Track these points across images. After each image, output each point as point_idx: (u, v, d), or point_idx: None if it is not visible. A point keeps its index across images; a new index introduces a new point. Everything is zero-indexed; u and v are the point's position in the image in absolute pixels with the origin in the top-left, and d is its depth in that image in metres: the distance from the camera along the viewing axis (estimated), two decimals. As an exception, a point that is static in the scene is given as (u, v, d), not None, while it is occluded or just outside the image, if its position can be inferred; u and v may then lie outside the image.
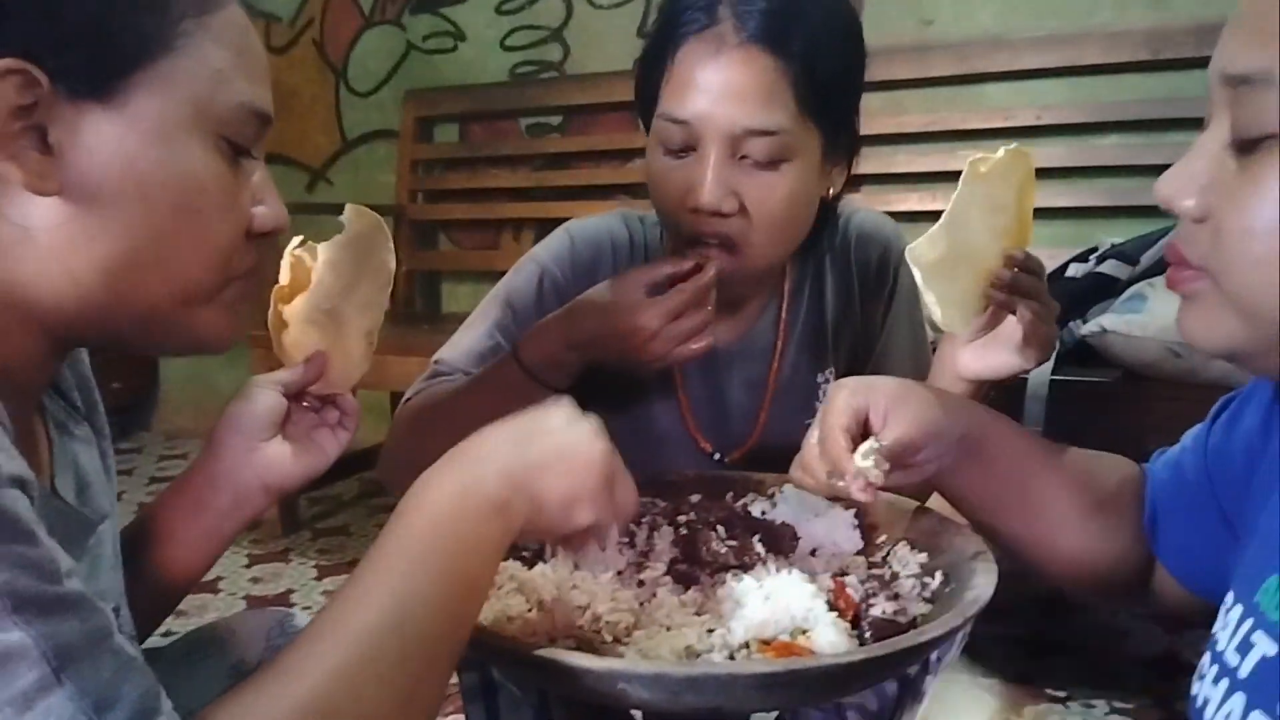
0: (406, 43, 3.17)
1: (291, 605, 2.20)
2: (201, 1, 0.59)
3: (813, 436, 0.78)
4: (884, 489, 0.74)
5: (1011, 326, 0.90)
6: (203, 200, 0.59)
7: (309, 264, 0.78)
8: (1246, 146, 0.54)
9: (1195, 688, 0.62)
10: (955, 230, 0.86)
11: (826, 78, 0.94)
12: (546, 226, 3.01)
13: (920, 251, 0.86)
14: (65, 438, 0.69)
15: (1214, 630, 0.63)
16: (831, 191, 1.04)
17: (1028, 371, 0.94)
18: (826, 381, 1.13)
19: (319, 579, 2.35)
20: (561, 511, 0.60)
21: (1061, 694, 1.73)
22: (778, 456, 1.03)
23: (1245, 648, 0.59)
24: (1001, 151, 0.86)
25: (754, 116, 0.92)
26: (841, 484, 0.73)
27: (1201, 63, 1.80)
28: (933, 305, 0.87)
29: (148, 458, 3.44)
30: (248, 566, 2.42)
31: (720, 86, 0.92)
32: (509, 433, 0.61)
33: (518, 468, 0.59)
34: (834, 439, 0.74)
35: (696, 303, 0.94)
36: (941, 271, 0.87)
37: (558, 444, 0.61)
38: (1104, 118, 2.30)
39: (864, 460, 0.71)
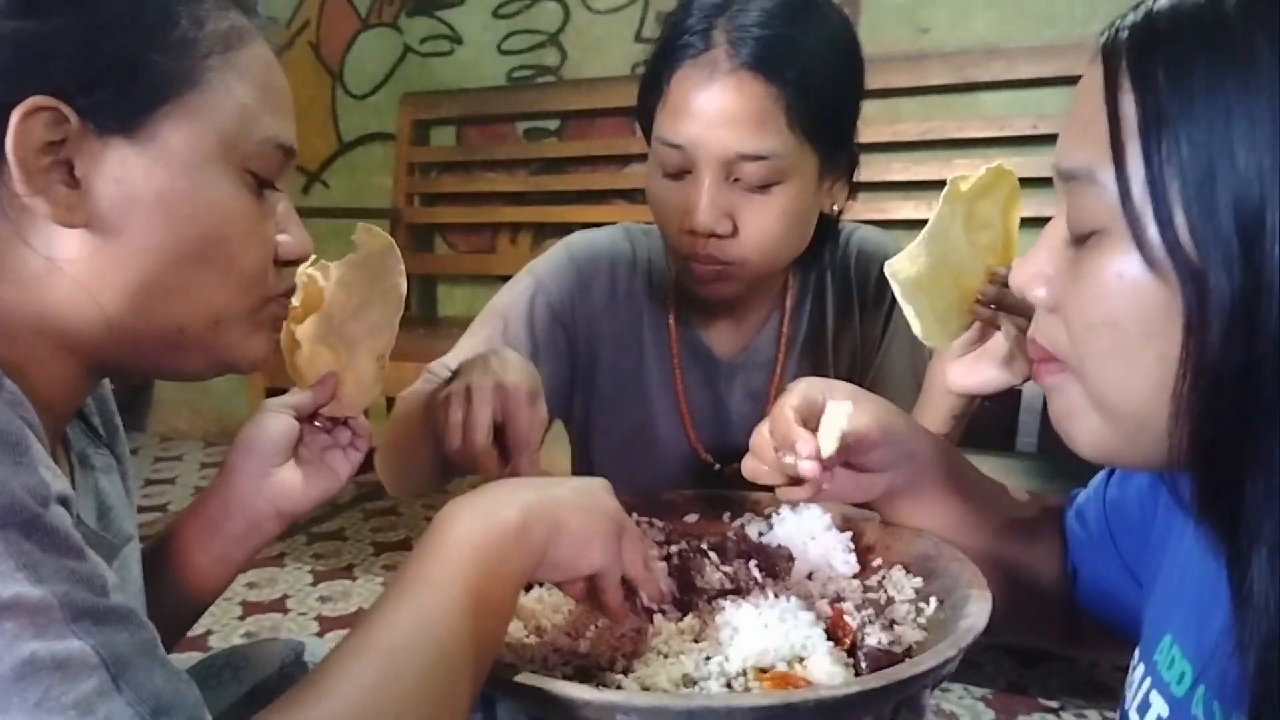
0: (403, 45, 3.17)
1: (287, 611, 2.20)
2: (227, 39, 0.60)
3: (764, 427, 0.78)
4: (830, 497, 0.76)
5: (999, 342, 0.91)
6: (228, 230, 0.61)
7: (321, 284, 0.78)
8: (1080, 240, 0.55)
9: None
10: (936, 246, 0.86)
11: (822, 101, 0.95)
12: (543, 230, 3.07)
13: (899, 266, 0.86)
14: (87, 463, 0.71)
15: (1125, 687, 0.65)
16: (836, 207, 1.06)
17: (1015, 387, 0.94)
18: None
19: (314, 584, 2.35)
20: (577, 547, 0.62)
21: (1054, 704, 1.74)
22: None
23: (1144, 708, 0.61)
24: (984, 170, 0.86)
25: (745, 142, 0.93)
26: (790, 460, 0.73)
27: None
28: (912, 319, 0.88)
29: (143, 460, 3.43)
30: (243, 572, 2.41)
31: (713, 112, 0.93)
32: (527, 481, 0.65)
33: (538, 500, 0.61)
34: (784, 417, 0.74)
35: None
36: (923, 286, 0.87)
37: (574, 487, 0.65)
38: (1099, 127, 2.31)
39: (821, 435, 0.72)
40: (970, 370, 0.93)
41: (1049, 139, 2.34)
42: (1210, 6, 0.49)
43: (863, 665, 0.66)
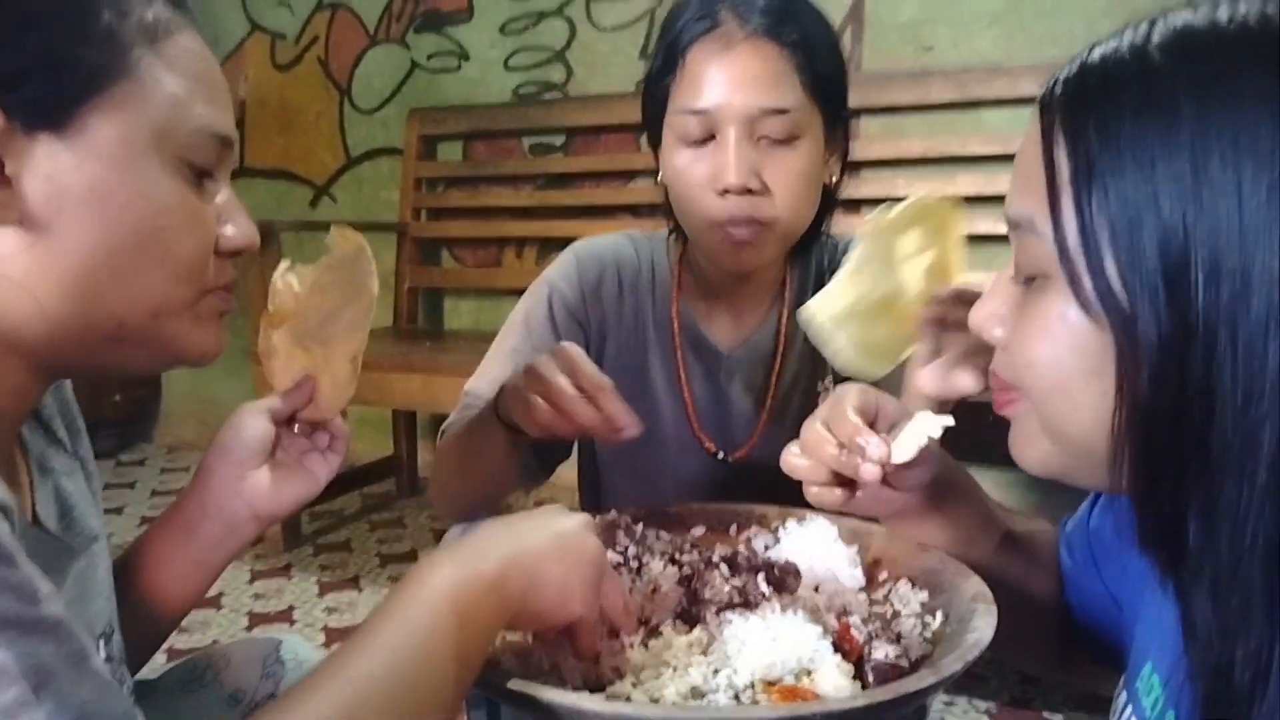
0: (410, 61, 3.20)
1: (293, 622, 2.21)
2: (153, 30, 0.59)
3: (814, 422, 0.78)
4: (854, 508, 0.78)
5: (957, 351, 0.92)
6: (163, 221, 0.60)
7: (296, 289, 0.78)
8: (1026, 282, 0.58)
9: None
10: (861, 281, 0.88)
11: (823, 65, 1.04)
12: (548, 245, 3.09)
13: (816, 308, 0.88)
14: (46, 465, 0.70)
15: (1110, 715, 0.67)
16: (833, 179, 1.12)
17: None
18: (828, 389, 1.18)
19: (321, 595, 2.36)
20: (556, 599, 0.62)
21: (1058, 717, 1.74)
22: (777, 455, 1.08)
23: None
24: (906, 203, 0.88)
25: (769, 96, 1.01)
26: (853, 460, 0.73)
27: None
28: (836, 354, 0.89)
29: (150, 470, 3.45)
30: (250, 583, 2.43)
31: (734, 75, 1.01)
32: (507, 526, 0.64)
33: (515, 552, 0.61)
34: (847, 416, 0.75)
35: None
36: (854, 317, 0.89)
37: (555, 534, 0.64)
38: (1102, 144, 2.32)
39: (899, 442, 0.73)
40: (940, 377, 0.94)
41: (1051, 156, 2.36)
42: (1136, 60, 0.52)
43: (870, 678, 0.67)
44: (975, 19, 2.45)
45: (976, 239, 2.42)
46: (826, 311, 0.88)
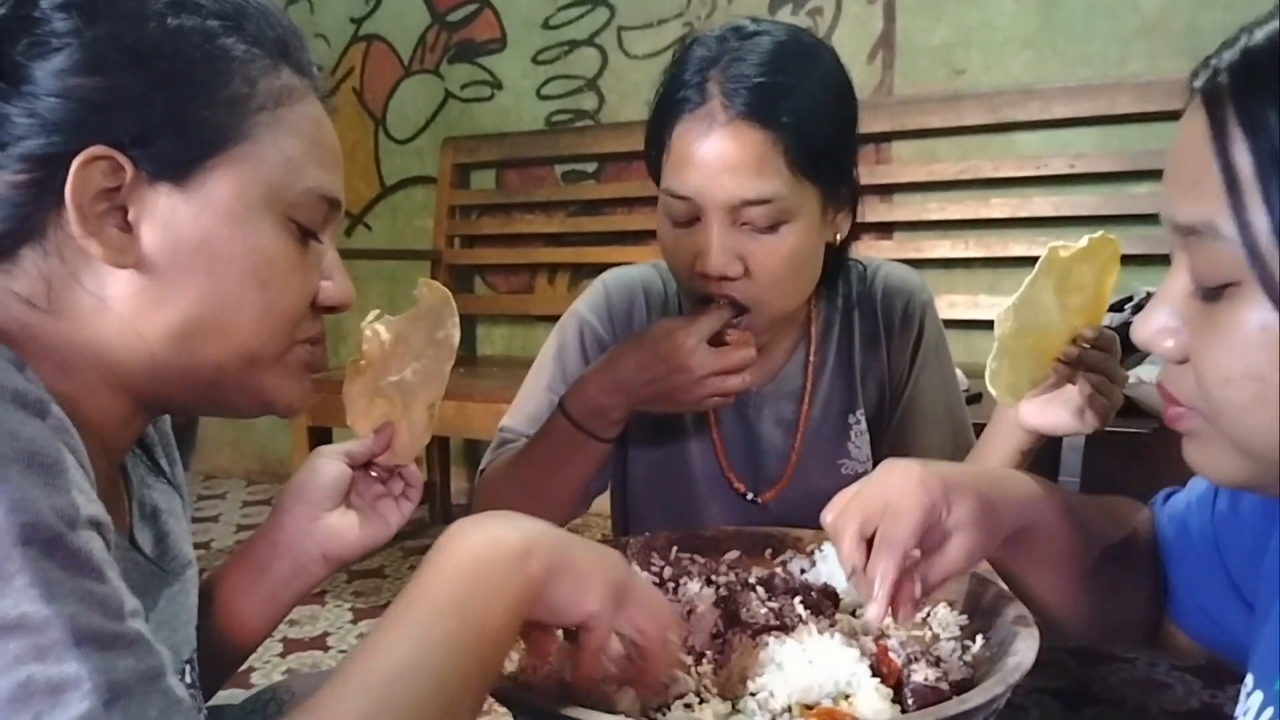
0: (444, 91, 3.24)
1: (328, 649, 2.22)
2: (278, 96, 0.63)
3: (851, 509, 0.71)
4: None
5: (1072, 391, 0.91)
6: (269, 274, 0.63)
7: (384, 337, 0.80)
8: (1210, 294, 0.54)
9: None
10: (1025, 311, 0.86)
11: (818, 141, 0.97)
12: (580, 271, 3.11)
13: (999, 319, 0.87)
14: (146, 492, 0.73)
15: (1236, 714, 0.63)
16: (839, 237, 1.08)
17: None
18: (858, 422, 1.17)
19: (354, 622, 2.36)
20: (576, 590, 0.61)
21: (1101, 749, 1.71)
22: (808, 497, 1.05)
23: None
24: (1085, 240, 0.86)
25: (749, 188, 0.96)
26: (860, 582, 0.68)
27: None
28: (993, 373, 0.88)
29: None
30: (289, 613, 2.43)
31: (714, 162, 0.96)
32: (541, 522, 0.63)
33: (542, 533, 0.61)
34: (890, 543, 0.67)
35: (742, 343, 0.99)
36: (1006, 346, 0.87)
37: (586, 540, 0.64)
38: (1137, 166, 2.31)
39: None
40: (1042, 411, 0.95)
41: (1084, 178, 2.35)
42: None
43: (909, 702, 0.66)
44: (1007, 42, 2.45)
45: (1010, 261, 2.41)
46: (997, 330, 0.87)
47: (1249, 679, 0.63)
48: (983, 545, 0.71)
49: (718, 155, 0.96)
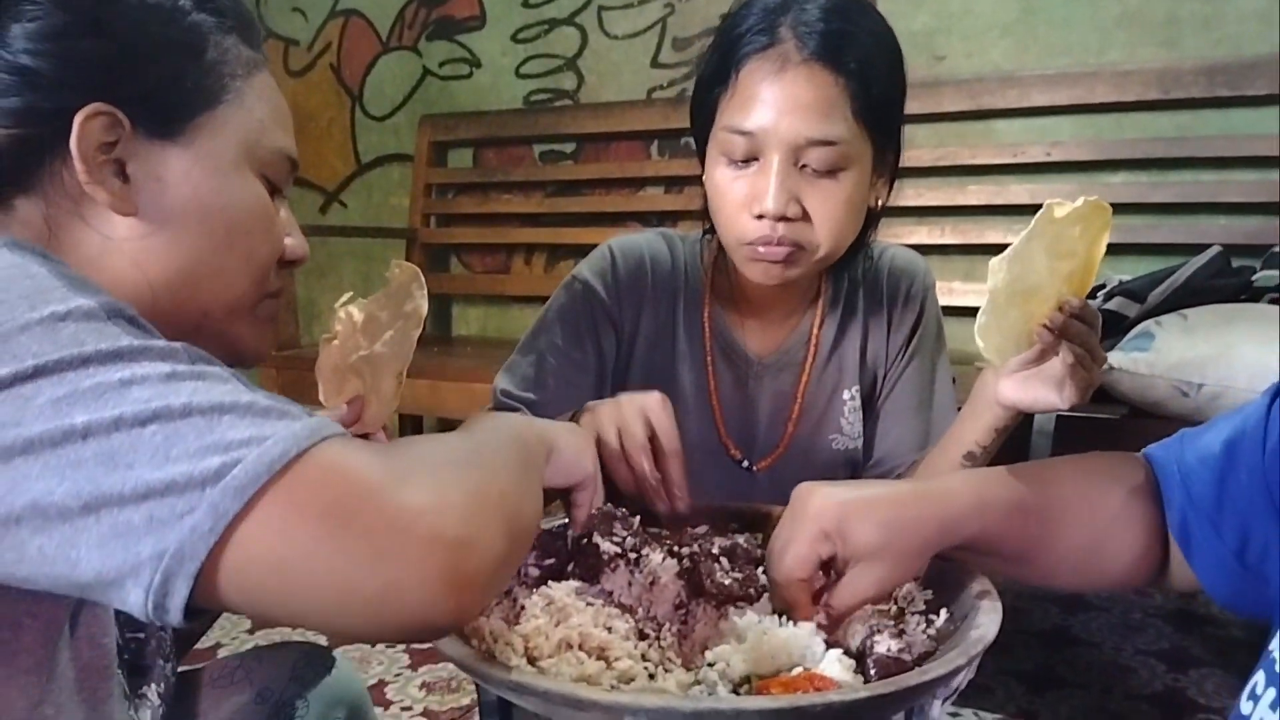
0: (423, 68, 3.21)
1: (296, 625, 2.20)
2: (248, 65, 0.70)
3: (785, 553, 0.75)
4: None
5: (1054, 366, 0.92)
6: (251, 224, 0.70)
7: (356, 318, 0.81)
8: None
9: (1247, 708, 0.60)
10: (1016, 266, 0.86)
11: (878, 92, 1.01)
12: (558, 252, 3.09)
13: (992, 268, 0.86)
14: None
15: (1270, 649, 0.61)
16: (879, 203, 1.10)
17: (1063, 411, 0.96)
18: (852, 399, 1.19)
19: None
20: (573, 458, 0.79)
21: (1065, 731, 1.72)
22: (800, 469, 1.14)
23: None
24: (1081, 200, 0.86)
25: (815, 128, 0.99)
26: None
27: (1211, 103, 1.84)
28: (981, 327, 0.88)
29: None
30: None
31: (784, 100, 0.99)
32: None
33: (538, 423, 0.77)
34: (793, 591, 0.74)
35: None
36: (996, 301, 0.87)
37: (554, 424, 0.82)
38: (1113, 155, 2.32)
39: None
40: (1022, 387, 0.95)
41: (1062, 166, 2.36)
42: None
43: (872, 673, 0.66)
44: (987, 29, 2.45)
45: (987, 248, 2.41)
46: (992, 279, 0.87)
47: (1273, 645, 0.60)
48: (888, 573, 0.72)
49: (789, 94, 0.99)
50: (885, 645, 0.67)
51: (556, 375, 1.13)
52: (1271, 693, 0.58)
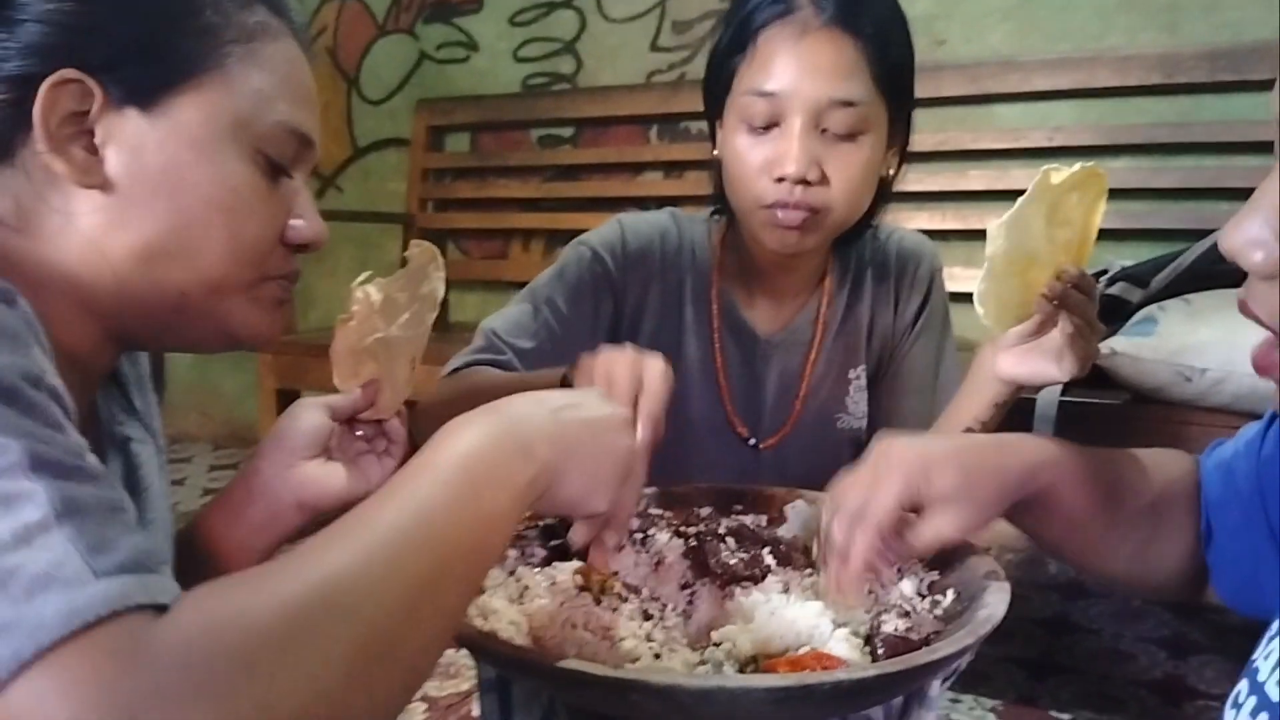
0: (419, 52, 3.19)
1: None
2: (251, 31, 0.65)
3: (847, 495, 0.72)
4: None
5: (1053, 338, 0.93)
6: (232, 203, 0.64)
7: (374, 298, 0.79)
8: None
9: (1229, 715, 0.60)
10: (1015, 233, 0.86)
11: (894, 57, 1.04)
12: (556, 237, 3.08)
13: (990, 235, 0.86)
14: (117, 427, 0.73)
15: (1253, 658, 0.60)
16: (890, 172, 1.12)
17: (1063, 383, 0.96)
18: (858, 378, 1.20)
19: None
20: (582, 489, 0.60)
21: (1065, 716, 1.72)
22: (804, 448, 1.15)
23: None
24: (1078, 166, 0.86)
25: (838, 88, 1.01)
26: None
27: (1212, 87, 1.82)
28: (981, 294, 0.87)
29: (151, 460, 3.43)
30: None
31: (806, 63, 1.01)
32: (546, 399, 0.60)
33: (552, 427, 0.58)
34: (862, 528, 0.69)
35: None
36: (994, 268, 0.87)
37: (592, 422, 0.61)
38: (1115, 140, 2.31)
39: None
40: (1021, 360, 0.98)
41: (1063, 151, 2.34)
42: None
43: (879, 652, 0.66)
44: (988, 13, 2.43)
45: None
46: (989, 246, 0.86)
47: (1275, 625, 0.60)
48: (969, 517, 0.71)
49: (810, 57, 1.01)
50: (893, 624, 0.66)
51: (548, 329, 1.12)
52: (1253, 701, 0.58)
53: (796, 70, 1.00)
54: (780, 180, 1.01)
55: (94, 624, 0.40)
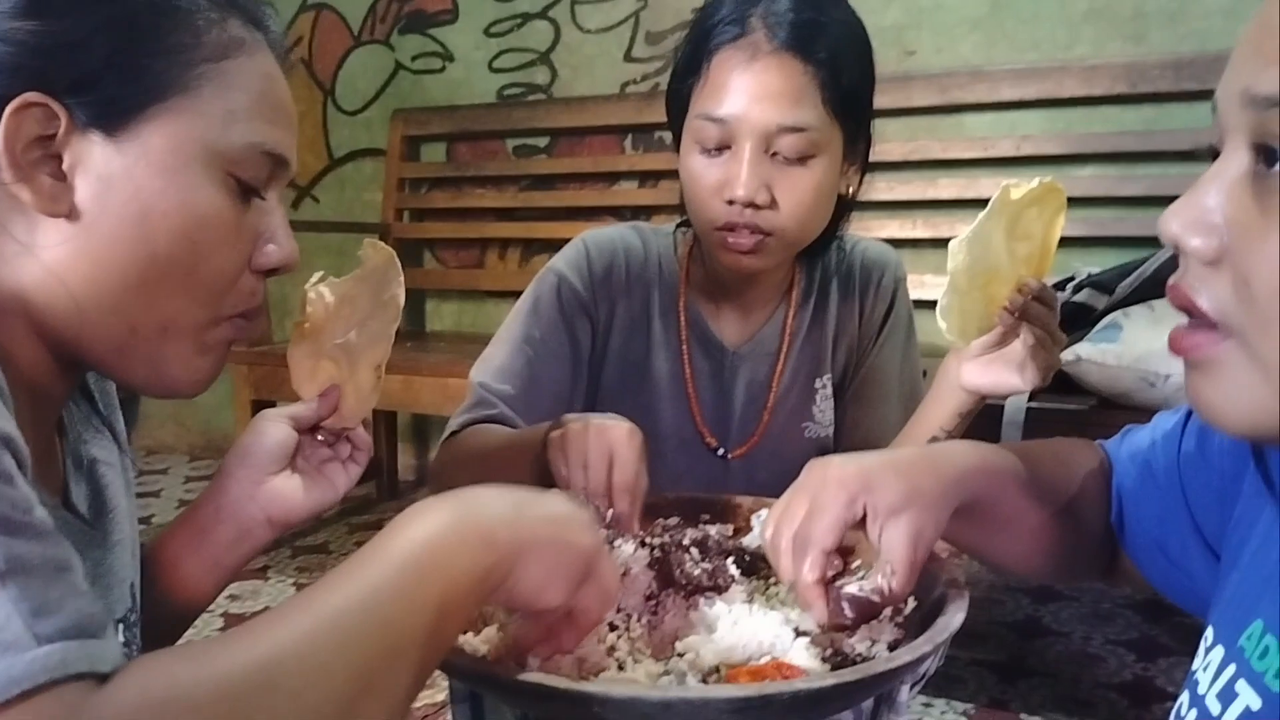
0: (395, 62, 3.20)
1: (269, 623, 2.19)
2: (224, 48, 0.62)
3: (789, 508, 0.71)
4: None
5: (1015, 349, 0.95)
6: (200, 234, 0.62)
7: (328, 299, 0.78)
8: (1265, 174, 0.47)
9: None
10: (976, 247, 0.88)
11: (848, 81, 1.03)
12: (532, 246, 3.08)
13: (951, 250, 0.88)
14: (82, 447, 0.71)
15: (1194, 668, 0.61)
16: (850, 190, 1.13)
17: (1025, 393, 0.98)
18: (824, 387, 1.21)
19: (297, 597, 2.33)
20: (537, 583, 0.57)
21: (1035, 719, 1.74)
22: (772, 456, 1.17)
23: (1228, 696, 0.55)
24: (1036, 182, 0.87)
25: (786, 114, 1.01)
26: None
27: (1178, 96, 1.85)
28: (944, 309, 0.89)
29: (126, 472, 3.41)
30: (234, 581, 2.40)
31: (755, 88, 1.01)
32: (510, 494, 0.59)
33: (513, 519, 0.56)
34: (811, 552, 0.68)
35: None
36: (956, 282, 0.89)
37: (554, 518, 0.59)
38: (1082, 149, 2.34)
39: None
40: (984, 371, 0.99)
41: (1032, 160, 2.38)
42: None
43: (847, 613, 0.68)
44: (957, 24, 2.47)
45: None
46: (951, 262, 0.87)
47: (1209, 633, 0.61)
48: (924, 522, 0.69)
49: (759, 82, 1.01)
50: (855, 587, 0.68)
51: (533, 366, 1.12)
52: (1194, 714, 0.58)
53: (746, 96, 1.01)
54: (731, 203, 1.02)
55: (32, 692, 0.39)
